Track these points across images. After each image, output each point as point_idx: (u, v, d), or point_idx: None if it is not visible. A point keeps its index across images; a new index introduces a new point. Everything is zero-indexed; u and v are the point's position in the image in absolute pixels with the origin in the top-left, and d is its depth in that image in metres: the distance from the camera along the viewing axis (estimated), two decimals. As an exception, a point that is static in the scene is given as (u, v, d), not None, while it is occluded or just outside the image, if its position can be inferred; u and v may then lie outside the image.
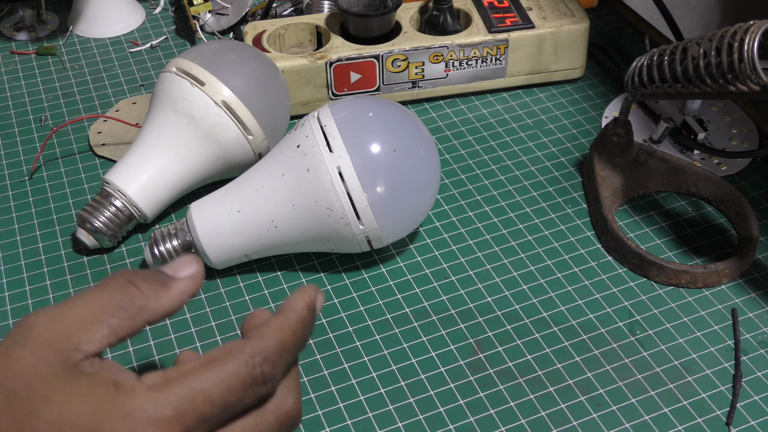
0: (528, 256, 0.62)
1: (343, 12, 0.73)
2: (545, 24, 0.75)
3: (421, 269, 0.62)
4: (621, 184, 0.65)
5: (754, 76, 0.52)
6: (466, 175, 0.69)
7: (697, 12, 1.27)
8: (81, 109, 0.77)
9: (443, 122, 0.75)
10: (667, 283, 0.60)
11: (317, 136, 0.57)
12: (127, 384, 0.35)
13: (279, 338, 0.38)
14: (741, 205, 0.63)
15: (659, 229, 0.64)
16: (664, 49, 0.59)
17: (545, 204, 0.66)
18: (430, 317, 0.58)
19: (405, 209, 0.58)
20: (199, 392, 0.35)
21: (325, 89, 0.74)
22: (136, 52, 0.84)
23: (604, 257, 0.62)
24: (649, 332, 0.57)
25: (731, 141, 0.71)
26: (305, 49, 0.78)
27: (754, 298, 0.59)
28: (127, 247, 0.64)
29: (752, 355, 0.55)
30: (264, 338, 0.37)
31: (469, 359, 0.55)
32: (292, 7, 0.85)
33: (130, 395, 0.34)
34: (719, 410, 0.52)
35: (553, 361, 0.55)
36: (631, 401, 0.53)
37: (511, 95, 0.78)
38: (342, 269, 0.62)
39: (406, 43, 0.74)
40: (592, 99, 0.77)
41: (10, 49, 0.85)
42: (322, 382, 0.54)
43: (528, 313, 0.58)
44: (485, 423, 0.52)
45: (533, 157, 0.71)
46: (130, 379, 0.35)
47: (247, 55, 0.66)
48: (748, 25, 0.52)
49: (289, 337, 0.38)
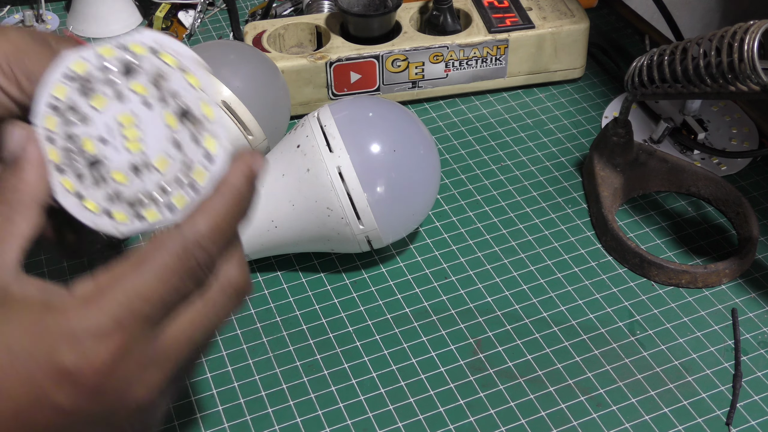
0: (528, 256, 0.62)
1: (343, 12, 0.73)
2: (545, 24, 0.75)
3: (421, 269, 0.62)
4: (621, 184, 0.65)
5: (754, 76, 0.52)
6: (466, 175, 0.69)
7: (697, 12, 1.26)
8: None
9: (443, 122, 0.75)
10: (667, 283, 0.60)
11: (317, 136, 0.57)
12: (58, 302, 0.34)
13: (212, 221, 0.36)
14: (741, 205, 0.63)
15: (659, 229, 0.64)
16: (664, 49, 0.59)
17: (545, 204, 0.66)
18: (430, 317, 0.58)
19: (405, 209, 0.58)
20: (135, 295, 0.34)
21: (325, 89, 0.74)
22: (136, 52, 0.84)
23: (604, 257, 0.62)
24: (649, 332, 0.57)
25: (731, 141, 0.71)
26: (305, 49, 0.78)
27: (754, 298, 0.59)
28: (127, 247, 0.64)
29: (752, 355, 0.55)
30: (195, 224, 0.36)
31: (469, 359, 0.55)
32: (292, 7, 0.85)
33: (63, 314, 0.33)
34: (719, 410, 0.52)
35: (553, 361, 0.55)
36: (631, 401, 0.53)
37: (511, 95, 0.78)
38: (342, 269, 0.62)
39: (406, 43, 0.74)
40: (592, 99, 0.77)
41: (10, 49, 0.85)
42: (322, 382, 0.54)
43: (528, 313, 0.58)
44: (485, 423, 0.52)
45: (533, 157, 0.71)
46: (61, 296, 0.34)
47: (247, 55, 0.66)
48: (748, 25, 0.52)
49: (224, 217, 0.36)
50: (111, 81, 0.38)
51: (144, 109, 0.38)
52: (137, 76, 0.38)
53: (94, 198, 0.38)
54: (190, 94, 0.38)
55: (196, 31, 0.86)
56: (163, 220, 0.38)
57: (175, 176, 0.38)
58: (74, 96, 0.38)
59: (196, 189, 0.38)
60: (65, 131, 0.38)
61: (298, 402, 0.53)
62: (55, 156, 0.38)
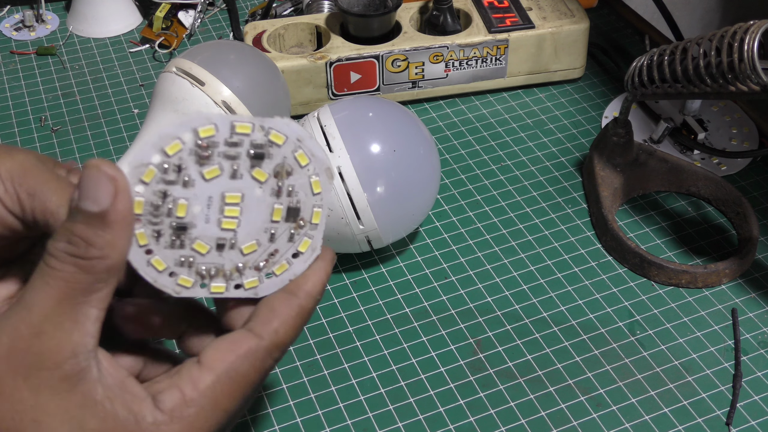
0: (528, 256, 0.62)
1: (343, 12, 0.73)
2: (545, 24, 0.75)
3: (421, 269, 0.62)
4: (621, 184, 0.65)
5: (754, 76, 0.52)
6: (466, 175, 0.69)
7: (697, 12, 1.26)
8: (81, 109, 0.77)
9: (443, 122, 0.75)
10: (667, 283, 0.60)
11: (317, 136, 0.57)
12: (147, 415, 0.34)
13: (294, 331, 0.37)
14: (741, 205, 0.63)
15: (659, 229, 0.64)
16: (664, 49, 0.59)
17: (545, 204, 0.66)
18: (430, 317, 0.58)
19: (405, 209, 0.58)
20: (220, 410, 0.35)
21: (325, 89, 0.74)
22: (136, 52, 0.84)
23: (604, 257, 0.62)
24: (649, 332, 0.57)
25: (731, 141, 0.71)
26: (305, 49, 0.78)
27: (754, 298, 0.59)
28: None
29: (752, 355, 0.55)
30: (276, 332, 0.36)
31: (469, 359, 0.55)
32: (292, 7, 0.85)
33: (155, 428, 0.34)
34: (719, 410, 0.52)
35: (553, 361, 0.55)
36: (631, 401, 0.53)
37: (511, 95, 0.78)
38: (342, 269, 0.62)
39: (406, 43, 0.74)
40: (592, 99, 0.77)
41: (10, 49, 0.85)
42: (322, 382, 0.54)
43: (528, 313, 0.58)
44: (485, 423, 0.52)
45: (533, 157, 0.71)
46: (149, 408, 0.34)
47: (247, 55, 0.66)
48: (748, 25, 0.52)
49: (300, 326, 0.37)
50: (233, 158, 0.36)
51: (254, 195, 0.36)
52: (263, 162, 0.36)
53: (164, 257, 0.36)
54: (308, 198, 0.37)
55: (196, 31, 0.86)
56: (227, 294, 0.37)
57: (256, 263, 0.37)
58: (187, 157, 0.35)
59: (272, 278, 0.37)
60: (161, 188, 0.35)
61: (298, 402, 0.53)
62: (139, 207, 0.35)
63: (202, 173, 0.35)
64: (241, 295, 0.38)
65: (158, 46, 0.83)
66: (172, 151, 0.35)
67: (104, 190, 0.32)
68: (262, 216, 0.37)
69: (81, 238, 0.32)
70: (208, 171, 0.35)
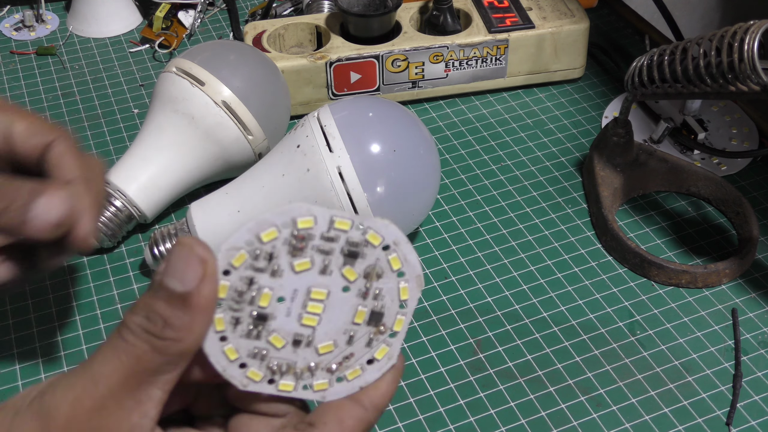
0: (528, 256, 0.62)
1: (343, 12, 0.73)
2: (545, 24, 0.75)
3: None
4: (621, 184, 0.65)
5: (754, 76, 0.52)
6: (466, 175, 0.69)
7: (697, 12, 1.26)
8: (81, 109, 0.77)
9: (443, 122, 0.75)
10: (667, 283, 0.60)
11: (317, 136, 0.57)
12: None
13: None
14: (741, 205, 0.63)
15: (659, 229, 0.64)
16: (664, 49, 0.59)
17: (545, 204, 0.66)
18: (430, 317, 0.58)
19: (405, 209, 0.58)
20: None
21: (325, 89, 0.74)
22: (136, 52, 0.84)
23: (604, 257, 0.62)
24: (649, 332, 0.57)
25: (731, 141, 0.71)
26: (305, 49, 0.78)
27: (754, 298, 0.59)
28: (126, 247, 0.64)
29: (752, 355, 0.55)
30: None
31: (469, 359, 0.55)
32: (292, 7, 0.85)
33: None
34: (719, 410, 0.52)
35: (553, 361, 0.55)
36: (631, 401, 0.53)
37: (511, 95, 0.78)
38: (342, 269, 0.62)
39: (406, 43, 0.74)
40: (592, 99, 0.77)
41: (10, 49, 0.85)
42: (322, 382, 0.54)
43: (528, 313, 0.58)
44: (485, 423, 0.52)
45: (533, 157, 0.71)
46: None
47: (247, 55, 0.66)
48: (748, 25, 0.52)
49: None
50: (326, 253, 0.35)
51: (341, 294, 0.35)
52: (355, 261, 0.35)
53: (237, 346, 0.34)
54: (394, 304, 0.36)
55: (196, 31, 0.86)
56: (293, 394, 0.36)
57: (329, 364, 0.36)
58: (280, 246, 0.34)
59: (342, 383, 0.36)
60: (248, 274, 0.34)
61: (298, 402, 0.53)
62: (223, 291, 0.34)
63: (292, 264, 0.34)
64: (308, 397, 0.36)
65: (158, 46, 0.83)
66: (267, 239, 0.34)
67: (193, 271, 0.31)
68: (345, 317, 0.35)
69: (160, 316, 0.31)
70: (299, 263, 0.34)
